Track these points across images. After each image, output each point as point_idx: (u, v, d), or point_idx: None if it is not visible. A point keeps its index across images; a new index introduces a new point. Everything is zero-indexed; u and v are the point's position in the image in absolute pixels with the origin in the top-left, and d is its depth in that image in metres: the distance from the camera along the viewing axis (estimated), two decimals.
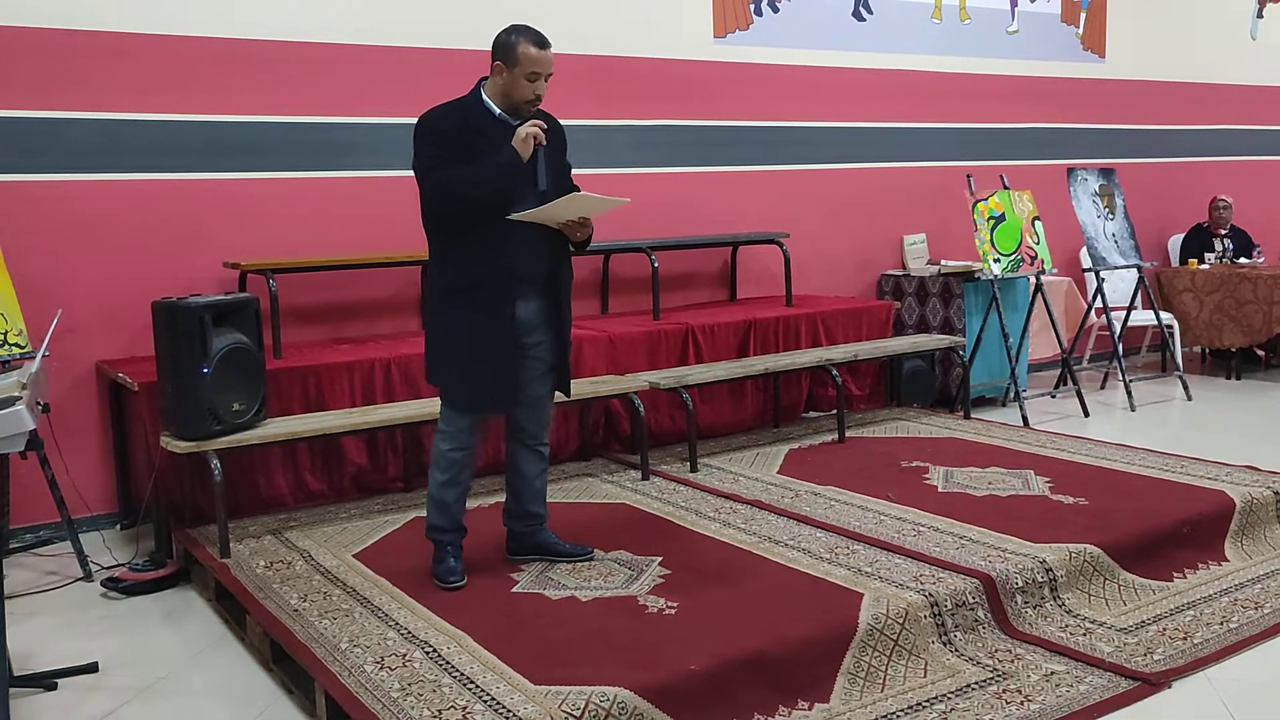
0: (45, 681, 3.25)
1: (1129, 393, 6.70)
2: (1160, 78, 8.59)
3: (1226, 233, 8.12)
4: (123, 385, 4.58)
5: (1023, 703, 2.94)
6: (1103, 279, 6.93)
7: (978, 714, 2.89)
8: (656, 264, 5.84)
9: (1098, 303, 6.97)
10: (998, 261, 6.29)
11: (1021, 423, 6.02)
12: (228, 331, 4.12)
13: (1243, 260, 7.84)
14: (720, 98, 6.50)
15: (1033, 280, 6.54)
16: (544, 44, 3.44)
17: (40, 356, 3.08)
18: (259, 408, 4.24)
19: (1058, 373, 7.04)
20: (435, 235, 3.52)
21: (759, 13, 6.64)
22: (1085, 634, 3.36)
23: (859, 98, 7.05)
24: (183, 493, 4.39)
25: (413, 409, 4.54)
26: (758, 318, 5.87)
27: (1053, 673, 3.11)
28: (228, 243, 5.08)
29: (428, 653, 3.06)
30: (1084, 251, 7.32)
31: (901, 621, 3.23)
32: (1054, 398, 6.86)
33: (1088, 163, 7.84)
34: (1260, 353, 7.91)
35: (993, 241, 6.31)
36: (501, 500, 3.92)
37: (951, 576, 3.49)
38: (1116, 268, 6.98)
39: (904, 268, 7.11)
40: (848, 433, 5.60)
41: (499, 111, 3.49)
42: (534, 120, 3.44)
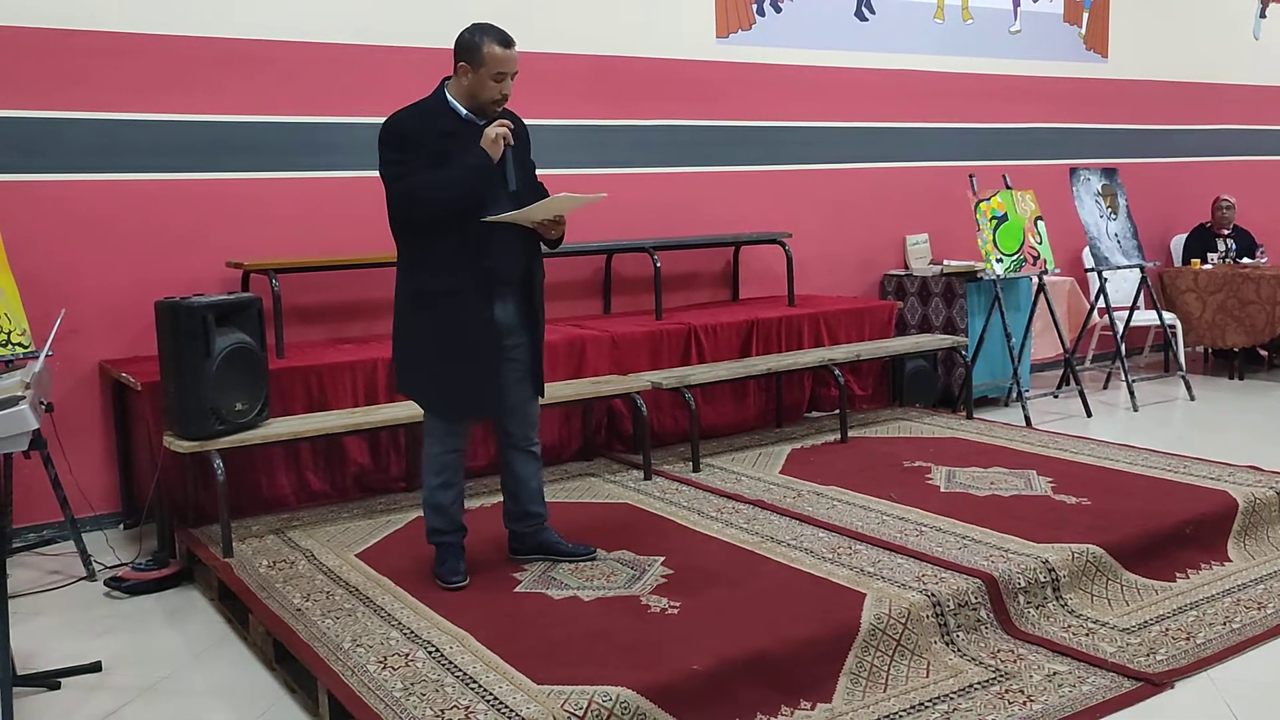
0: (48, 681, 3.25)
1: (1132, 393, 6.69)
2: (1163, 77, 8.58)
3: (1229, 233, 8.11)
4: (126, 385, 4.58)
5: (1025, 703, 2.94)
6: (1105, 279, 6.92)
7: (980, 714, 2.89)
8: (659, 264, 5.83)
9: (1100, 303, 6.96)
10: (1000, 261, 6.29)
11: (1024, 423, 6.02)
12: (231, 331, 4.12)
13: (1245, 260, 7.84)
14: (723, 98, 6.50)
15: (1035, 280, 6.54)
16: (509, 43, 3.38)
17: (43, 356, 3.09)
18: (262, 407, 4.24)
19: (1060, 373, 7.02)
20: (405, 240, 3.47)
21: (761, 13, 6.63)
22: (1088, 634, 3.36)
23: (861, 98, 7.05)
24: (185, 492, 4.40)
25: (415, 409, 4.52)
26: (760, 318, 5.87)
27: (1055, 673, 3.11)
28: (229, 243, 5.08)
29: (430, 652, 3.06)
30: (1086, 251, 7.32)
31: (904, 621, 3.22)
32: (1056, 398, 6.86)
33: (1090, 162, 7.84)
34: (1263, 353, 7.90)
35: (995, 241, 6.30)
36: (502, 500, 3.92)
37: (954, 576, 3.48)
38: (1119, 268, 6.97)
39: (906, 268, 7.11)
40: (850, 433, 5.59)
41: (465, 112, 3.45)
42: (500, 120, 3.41)
